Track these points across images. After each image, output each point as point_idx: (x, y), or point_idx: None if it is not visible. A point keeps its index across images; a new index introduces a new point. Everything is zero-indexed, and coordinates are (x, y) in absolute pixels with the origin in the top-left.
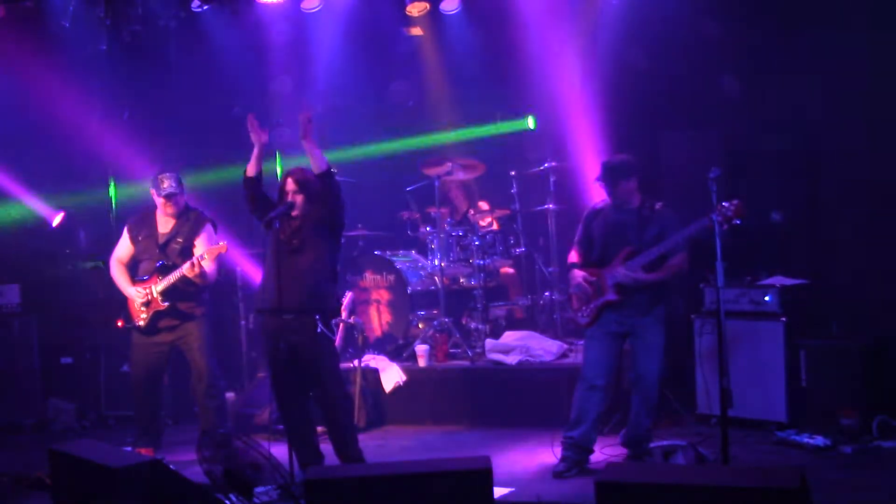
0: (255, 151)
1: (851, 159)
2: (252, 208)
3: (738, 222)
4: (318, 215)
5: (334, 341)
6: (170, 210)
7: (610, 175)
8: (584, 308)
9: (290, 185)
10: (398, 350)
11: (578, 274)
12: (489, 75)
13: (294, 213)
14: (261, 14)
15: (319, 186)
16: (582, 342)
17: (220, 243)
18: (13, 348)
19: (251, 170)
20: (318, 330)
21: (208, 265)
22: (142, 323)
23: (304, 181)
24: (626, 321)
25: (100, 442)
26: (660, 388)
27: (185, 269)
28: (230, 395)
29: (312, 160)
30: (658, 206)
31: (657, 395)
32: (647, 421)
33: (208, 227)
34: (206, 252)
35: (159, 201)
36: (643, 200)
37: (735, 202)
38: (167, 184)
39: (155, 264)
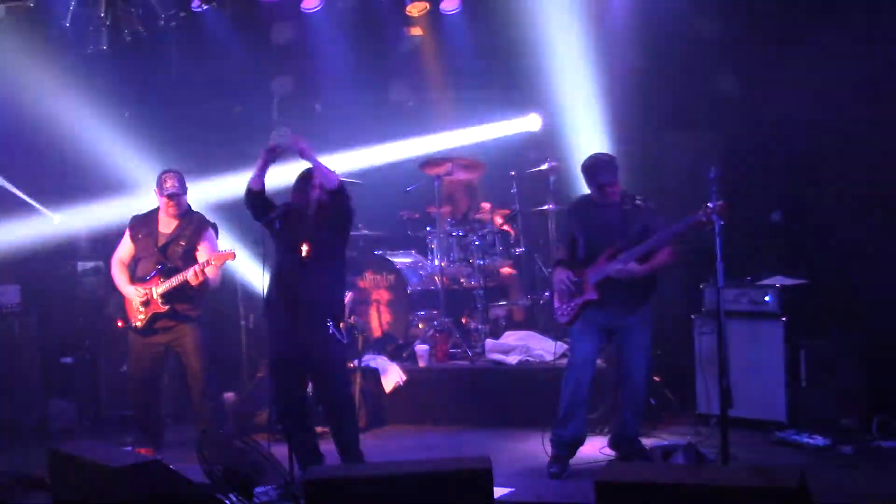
0: (261, 162)
1: (851, 159)
2: (254, 214)
3: (721, 223)
4: (331, 221)
5: (344, 344)
6: (172, 211)
7: (598, 172)
8: (563, 306)
9: (311, 185)
10: (398, 350)
11: (562, 272)
12: (489, 75)
13: (307, 212)
14: (261, 14)
15: (331, 201)
16: None
17: (229, 250)
18: (13, 348)
19: (256, 184)
20: (331, 332)
21: (212, 272)
22: (139, 323)
23: (321, 185)
24: (612, 320)
25: (100, 442)
26: (647, 389)
27: (189, 276)
28: (230, 394)
29: (322, 179)
30: (639, 200)
31: (645, 397)
32: (633, 421)
33: (210, 232)
34: (212, 258)
35: (162, 201)
36: (623, 196)
37: (720, 202)
38: (170, 183)
39: (155, 265)
